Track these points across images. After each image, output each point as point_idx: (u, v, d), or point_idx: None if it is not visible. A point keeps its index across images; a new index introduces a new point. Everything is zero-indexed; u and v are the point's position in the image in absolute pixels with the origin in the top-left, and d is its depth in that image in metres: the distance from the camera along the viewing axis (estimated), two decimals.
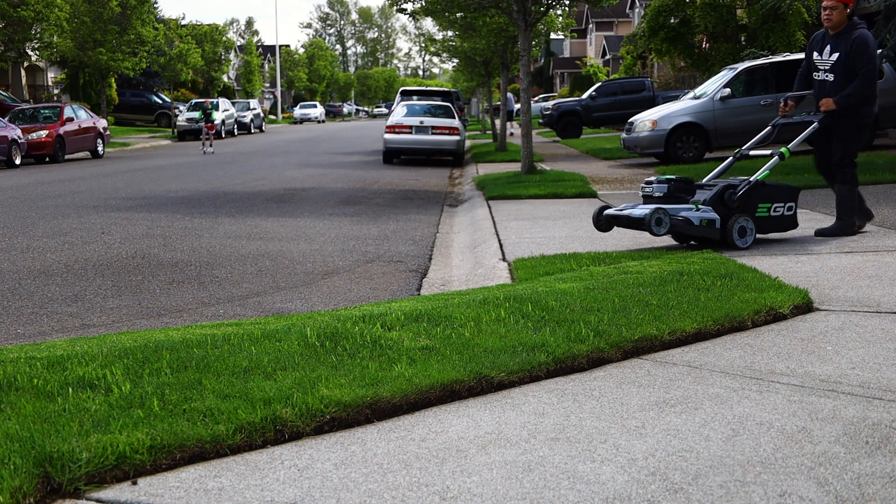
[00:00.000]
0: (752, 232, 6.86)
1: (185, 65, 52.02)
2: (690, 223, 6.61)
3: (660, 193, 6.86)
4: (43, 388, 3.25)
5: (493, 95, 33.31)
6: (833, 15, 7.11)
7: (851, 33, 7.09)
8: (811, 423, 3.05)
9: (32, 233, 9.79)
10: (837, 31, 7.16)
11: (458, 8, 18.14)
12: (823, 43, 7.28)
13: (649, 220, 6.44)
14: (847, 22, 7.13)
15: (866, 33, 7.08)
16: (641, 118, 17.54)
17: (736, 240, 6.75)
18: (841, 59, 7.10)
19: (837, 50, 7.12)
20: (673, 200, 6.79)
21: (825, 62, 7.24)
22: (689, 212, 6.65)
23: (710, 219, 6.68)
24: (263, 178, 17.58)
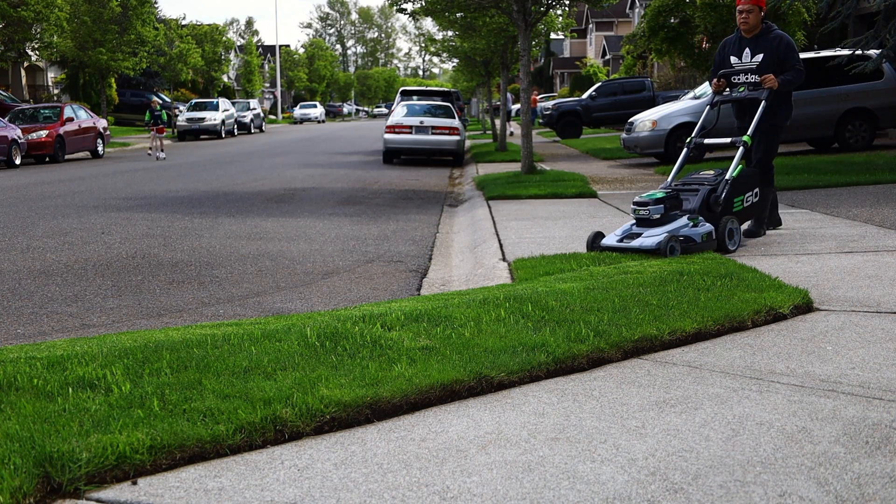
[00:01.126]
0: (738, 232, 6.86)
1: (186, 65, 52.07)
2: (693, 241, 6.50)
3: (657, 215, 6.65)
4: (43, 388, 3.25)
5: (493, 95, 33.31)
6: (749, 18, 7.20)
7: (770, 34, 7.22)
8: (811, 423, 3.05)
9: (32, 233, 9.79)
10: (754, 34, 7.26)
11: (458, 8, 18.14)
12: (740, 46, 7.34)
13: (665, 249, 6.28)
14: (762, 25, 7.25)
15: (788, 36, 7.25)
16: (641, 118, 17.55)
17: (728, 244, 6.72)
18: (768, 59, 7.17)
19: (760, 51, 7.21)
20: (669, 218, 6.67)
21: (748, 65, 7.28)
22: (689, 229, 6.56)
23: (707, 231, 6.61)
24: (263, 178, 17.58)
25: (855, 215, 8.51)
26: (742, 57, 7.32)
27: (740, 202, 7.05)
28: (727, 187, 6.87)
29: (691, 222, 6.61)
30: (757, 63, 7.23)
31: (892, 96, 16.44)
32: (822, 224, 8.05)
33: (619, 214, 9.54)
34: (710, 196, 6.80)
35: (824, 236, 7.29)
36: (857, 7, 14.65)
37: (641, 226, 6.73)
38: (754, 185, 7.23)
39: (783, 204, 9.76)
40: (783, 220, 8.10)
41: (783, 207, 9.48)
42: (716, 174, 7.10)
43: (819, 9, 16.53)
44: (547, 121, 32.21)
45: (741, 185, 7.07)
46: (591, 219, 9.41)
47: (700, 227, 6.62)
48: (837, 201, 9.66)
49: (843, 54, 15.37)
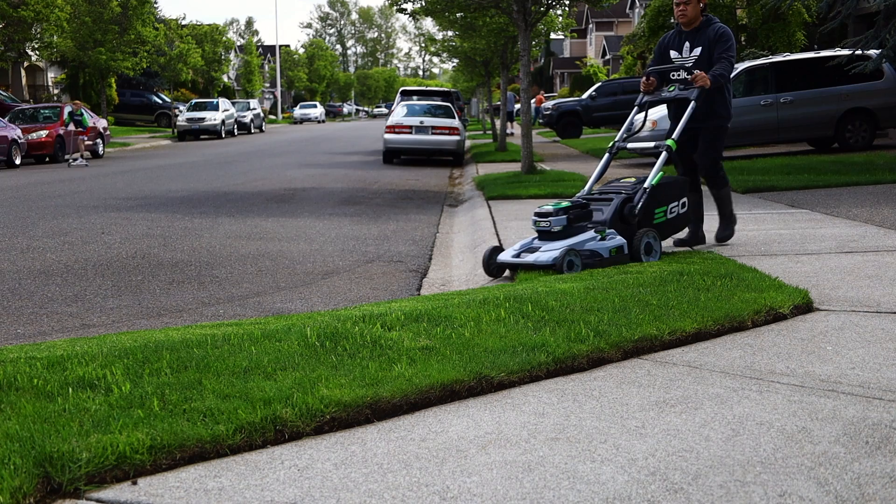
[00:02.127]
0: (657, 245, 6.30)
1: (186, 65, 52.05)
2: (600, 255, 6.03)
3: (559, 227, 6.12)
4: (43, 388, 3.25)
5: (493, 95, 33.31)
6: (687, 10, 6.78)
7: (710, 28, 6.78)
8: (811, 423, 3.05)
9: (32, 233, 9.79)
10: (693, 27, 6.83)
11: (458, 8, 18.15)
12: (680, 41, 6.89)
13: (562, 265, 5.79)
14: (702, 17, 6.83)
15: (726, 27, 6.82)
16: (641, 118, 17.52)
17: (643, 259, 6.16)
18: (705, 54, 6.74)
19: (698, 45, 6.77)
20: (574, 230, 6.14)
21: (687, 59, 6.84)
22: (595, 242, 6.07)
23: (617, 246, 6.11)
24: (263, 178, 17.58)
25: (855, 215, 8.51)
26: (682, 52, 6.86)
27: (662, 213, 6.47)
28: (644, 197, 6.33)
29: (599, 235, 6.10)
30: (695, 57, 6.77)
31: (892, 96, 16.45)
32: (822, 224, 8.05)
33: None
34: (624, 206, 6.28)
35: (824, 236, 7.28)
36: (857, 7, 14.65)
37: (543, 239, 6.20)
38: (680, 194, 6.64)
39: (783, 204, 9.77)
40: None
41: (783, 207, 9.49)
42: (635, 182, 6.55)
43: (819, 9, 16.54)
44: (547, 121, 32.21)
45: (664, 194, 6.48)
46: None
47: (609, 240, 6.11)
48: (837, 201, 9.66)
49: (843, 54, 15.38)
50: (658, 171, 6.46)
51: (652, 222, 6.41)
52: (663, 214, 6.50)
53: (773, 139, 17.26)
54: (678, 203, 6.62)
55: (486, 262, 6.35)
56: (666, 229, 6.58)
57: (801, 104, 16.49)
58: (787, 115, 16.45)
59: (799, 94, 16.52)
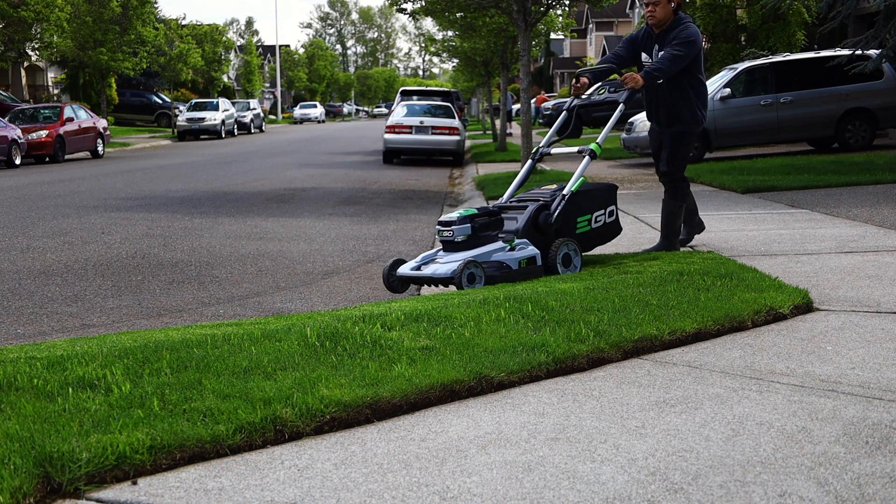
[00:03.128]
0: (578, 257, 5.92)
1: (186, 65, 52.04)
2: (507, 268, 5.61)
3: (462, 236, 5.68)
4: (43, 388, 3.25)
5: (493, 95, 33.31)
6: (656, 10, 6.36)
7: (678, 28, 6.33)
8: (811, 423, 3.05)
9: (32, 233, 9.79)
10: (663, 29, 6.40)
11: (458, 8, 18.16)
12: (651, 42, 6.48)
13: (460, 278, 5.37)
14: (673, 17, 6.41)
15: (694, 27, 6.38)
16: (641, 118, 17.52)
17: (560, 271, 5.78)
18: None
19: (665, 47, 6.33)
20: (479, 241, 5.70)
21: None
22: (503, 253, 5.65)
23: (528, 257, 5.70)
24: (263, 178, 17.58)
25: (855, 215, 8.51)
26: (652, 54, 6.44)
27: (586, 222, 6.06)
28: (563, 203, 5.92)
29: (507, 245, 5.69)
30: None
31: (892, 96, 16.45)
32: (822, 224, 8.05)
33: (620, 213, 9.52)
34: (539, 214, 5.85)
35: (824, 236, 7.28)
36: (857, 7, 14.65)
37: (447, 250, 5.78)
38: (607, 201, 6.24)
39: (783, 204, 9.77)
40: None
41: (783, 207, 9.49)
42: (556, 189, 6.15)
43: (819, 9, 16.54)
44: (547, 121, 32.21)
45: (588, 201, 6.09)
46: None
47: (519, 251, 5.69)
48: (837, 201, 9.66)
49: (843, 54, 15.38)
50: (579, 177, 6.08)
51: (574, 232, 6.02)
52: (587, 224, 6.10)
53: (773, 139, 17.26)
54: (605, 211, 6.20)
55: (385, 277, 5.82)
56: (591, 239, 6.18)
57: (801, 104, 16.49)
58: (787, 115, 16.45)
59: (799, 94, 16.52)
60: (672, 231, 6.61)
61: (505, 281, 5.55)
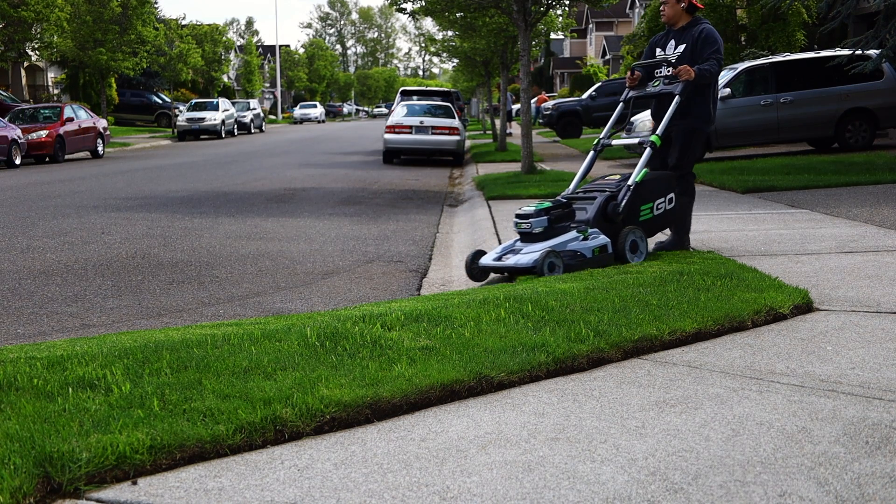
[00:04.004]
0: (643, 243, 6.22)
1: (186, 65, 52.04)
2: (583, 256, 5.93)
3: (540, 228, 6.03)
4: (43, 388, 3.25)
5: (493, 95, 33.31)
6: (666, 9, 6.77)
7: (696, 27, 6.68)
8: (811, 423, 3.05)
9: (32, 233, 9.79)
10: (681, 27, 6.76)
11: (458, 8, 18.15)
12: (667, 39, 6.85)
13: (542, 267, 5.68)
14: (686, 17, 6.74)
15: (712, 27, 6.74)
16: (641, 118, 17.52)
17: (629, 258, 6.08)
18: (687, 51, 6.62)
19: (682, 43, 6.68)
20: (555, 231, 6.04)
21: (670, 56, 6.75)
22: (577, 242, 5.98)
23: (600, 245, 6.01)
24: (263, 178, 17.58)
25: (855, 215, 8.51)
26: (667, 49, 6.82)
27: (648, 210, 6.35)
28: (629, 194, 6.23)
29: (581, 235, 6.00)
30: (678, 55, 6.66)
31: (892, 96, 16.45)
32: (822, 224, 8.05)
33: None
34: (607, 204, 6.17)
35: (824, 236, 7.28)
36: (857, 7, 14.65)
37: (524, 241, 6.11)
38: (667, 189, 6.48)
39: (783, 204, 9.76)
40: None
41: (783, 207, 9.48)
42: (619, 180, 6.46)
43: (819, 9, 16.53)
44: (547, 121, 32.21)
45: (649, 190, 6.36)
46: None
47: (592, 240, 6.00)
48: (837, 201, 9.66)
49: (843, 54, 15.38)
50: (642, 168, 6.37)
51: (638, 220, 6.29)
52: (650, 211, 6.38)
53: (773, 139, 17.26)
54: (665, 199, 6.46)
55: (468, 267, 6.23)
56: (653, 226, 6.48)
57: (801, 104, 16.49)
58: (787, 115, 16.45)
59: (799, 94, 16.52)
60: (683, 227, 6.77)
61: (579, 269, 5.81)
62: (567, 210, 6.20)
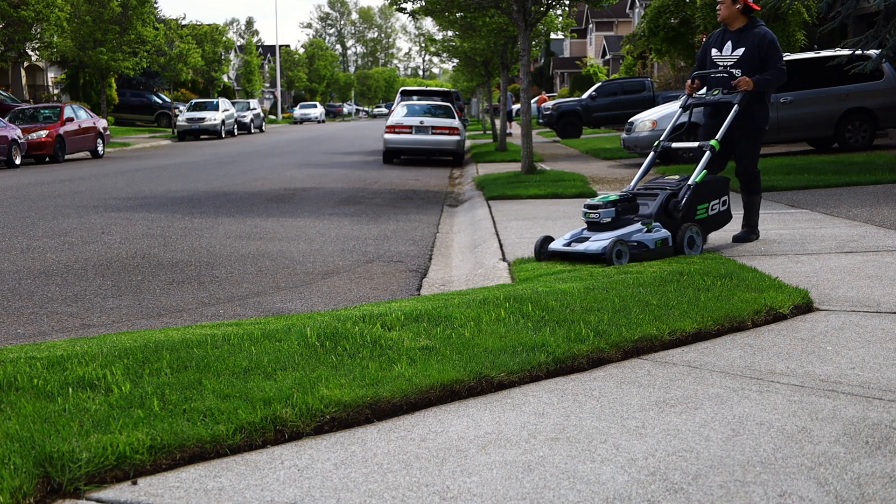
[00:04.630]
0: (699, 239, 6.57)
1: (186, 65, 52.02)
2: (646, 247, 6.29)
3: (608, 219, 6.45)
4: (43, 388, 3.25)
5: (493, 95, 33.31)
6: (722, 9, 7.03)
7: (754, 30, 6.96)
8: (811, 423, 3.05)
9: (32, 233, 9.79)
10: (738, 28, 7.01)
11: (458, 8, 18.14)
12: (723, 40, 7.10)
13: (611, 254, 6.08)
14: (743, 18, 7.01)
15: (772, 33, 7.00)
16: (641, 118, 17.55)
17: (686, 252, 6.44)
18: (747, 55, 6.90)
19: (741, 45, 6.95)
20: (621, 223, 6.44)
21: (728, 58, 7.02)
22: (642, 234, 6.35)
23: (662, 238, 6.37)
24: (263, 178, 17.58)
25: (855, 215, 8.51)
26: (722, 49, 7.07)
27: (704, 210, 6.74)
28: (689, 193, 6.60)
29: (645, 227, 6.37)
30: (737, 58, 6.95)
31: (892, 96, 16.45)
32: (822, 224, 8.05)
33: None
34: (669, 201, 6.53)
35: (824, 236, 7.29)
36: (857, 7, 14.65)
37: (592, 230, 6.50)
38: (721, 192, 6.90)
39: (783, 204, 9.76)
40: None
41: (783, 207, 9.48)
42: (679, 179, 6.81)
43: (819, 9, 16.53)
44: (547, 121, 32.21)
45: (706, 191, 6.77)
46: None
47: (654, 232, 6.36)
48: (837, 201, 9.66)
49: (843, 54, 15.37)
50: (701, 170, 6.73)
51: (694, 218, 6.67)
52: (705, 211, 6.77)
53: (773, 139, 17.25)
54: (719, 201, 6.88)
55: (537, 251, 6.58)
56: (707, 225, 6.85)
57: (801, 104, 16.48)
58: (787, 115, 16.44)
59: (799, 94, 16.51)
60: (755, 223, 7.26)
61: (642, 259, 6.19)
62: (632, 204, 6.59)
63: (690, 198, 6.61)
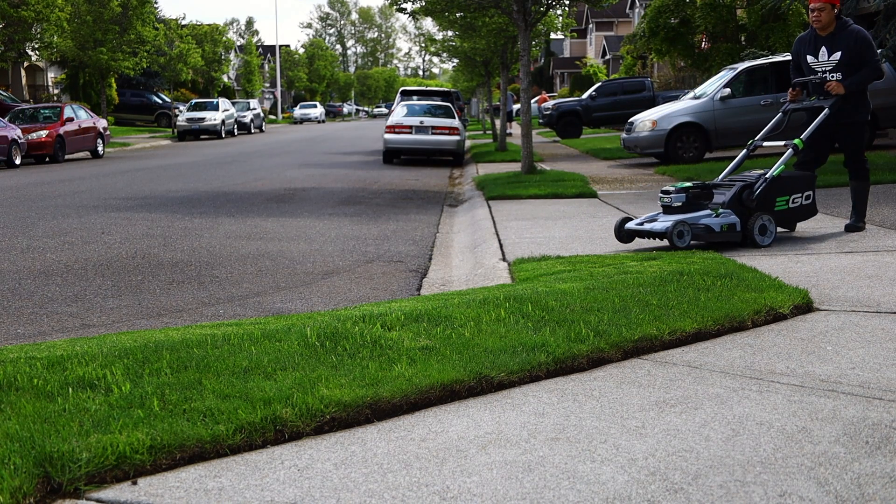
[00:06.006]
0: (772, 227, 6.94)
1: (186, 65, 52.03)
2: (711, 230, 6.74)
3: (678, 203, 6.91)
4: (43, 388, 3.25)
5: (493, 95, 33.31)
6: (822, 16, 7.23)
7: (846, 31, 7.22)
8: (811, 423, 3.05)
9: (32, 233, 9.79)
10: (829, 32, 7.28)
11: (458, 8, 18.14)
12: (816, 45, 7.38)
13: (671, 234, 6.58)
14: (836, 21, 7.27)
15: (864, 30, 7.24)
16: (641, 118, 17.54)
17: (758, 239, 6.83)
18: (845, 58, 7.20)
19: (838, 49, 7.23)
20: (692, 208, 6.88)
21: (826, 63, 7.34)
22: (709, 218, 6.78)
23: (730, 223, 6.81)
24: (263, 178, 17.58)
25: None
26: (818, 55, 7.38)
27: (784, 202, 7.14)
28: (764, 184, 6.98)
29: (713, 213, 6.81)
30: (835, 61, 7.27)
31: (892, 96, 16.43)
32: (822, 224, 8.05)
33: (620, 214, 9.53)
34: (743, 191, 6.92)
35: (824, 236, 7.29)
36: (857, 7, 14.64)
37: (665, 213, 6.98)
38: (804, 187, 7.29)
39: None
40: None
41: None
42: (760, 174, 7.19)
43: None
44: (547, 121, 32.21)
45: (787, 185, 7.16)
46: (591, 219, 9.41)
47: (722, 217, 6.78)
48: (837, 201, 9.66)
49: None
50: (781, 165, 7.17)
51: (773, 209, 7.06)
52: (785, 203, 7.16)
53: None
54: (802, 195, 7.27)
55: (616, 230, 7.14)
56: (787, 217, 7.26)
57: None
58: None
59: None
60: (863, 210, 7.57)
61: (709, 240, 6.78)
62: (706, 191, 6.99)
63: (767, 189, 6.99)
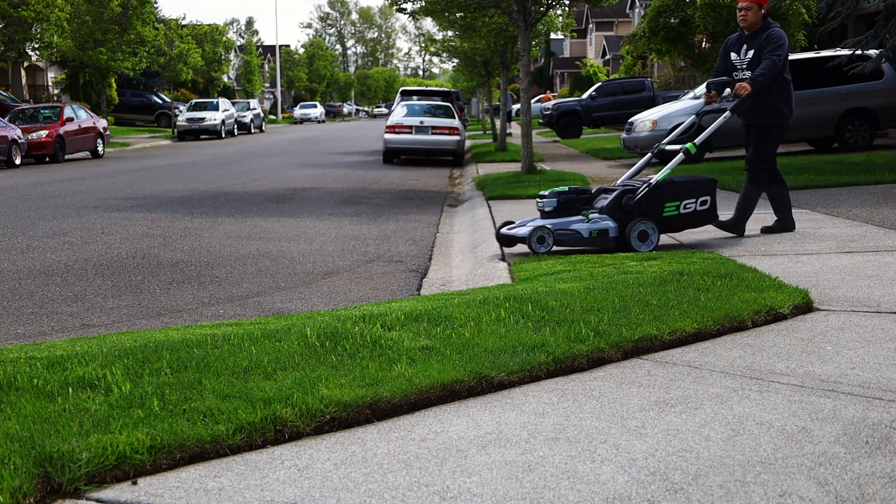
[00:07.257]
0: (654, 234, 6.76)
1: (186, 65, 52.02)
2: (580, 235, 6.67)
3: (549, 208, 6.86)
4: (43, 388, 3.25)
5: (493, 95, 33.31)
6: (748, 15, 7.28)
7: (766, 31, 7.25)
8: (811, 423, 3.05)
9: (32, 233, 9.79)
10: (753, 32, 7.32)
11: (458, 8, 18.14)
12: (740, 44, 7.43)
13: (530, 239, 6.59)
14: (762, 22, 7.32)
15: (780, 30, 7.29)
16: (641, 118, 17.55)
17: (635, 245, 6.67)
18: (757, 55, 7.24)
19: (753, 48, 7.29)
20: (565, 212, 6.81)
21: (743, 61, 7.38)
22: (580, 224, 6.71)
23: (601, 229, 6.69)
24: (263, 178, 17.58)
25: (855, 215, 8.51)
26: (741, 53, 7.40)
27: (674, 207, 6.89)
28: (646, 190, 6.80)
29: (584, 218, 6.74)
30: (748, 59, 7.31)
31: (892, 96, 16.44)
32: (822, 224, 8.05)
33: None
34: (622, 196, 6.80)
35: (824, 236, 7.29)
36: (857, 7, 14.65)
37: (542, 217, 6.96)
38: (703, 193, 7.03)
39: None
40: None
41: None
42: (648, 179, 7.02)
43: (819, 9, 16.52)
44: (547, 121, 32.21)
45: (678, 190, 6.92)
46: None
47: (593, 223, 6.69)
48: (837, 201, 9.66)
49: (843, 54, 15.37)
50: (669, 169, 7.03)
51: (661, 214, 6.85)
52: (675, 209, 6.92)
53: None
54: (696, 200, 7.01)
55: (496, 234, 7.17)
56: (677, 223, 7.01)
57: (801, 104, 16.40)
58: None
59: (799, 94, 16.45)
60: (744, 213, 7.46)
61: (576, 246, 6.72)
62: (584, 196, 6.94)
63: (651, 194, 6.80)
